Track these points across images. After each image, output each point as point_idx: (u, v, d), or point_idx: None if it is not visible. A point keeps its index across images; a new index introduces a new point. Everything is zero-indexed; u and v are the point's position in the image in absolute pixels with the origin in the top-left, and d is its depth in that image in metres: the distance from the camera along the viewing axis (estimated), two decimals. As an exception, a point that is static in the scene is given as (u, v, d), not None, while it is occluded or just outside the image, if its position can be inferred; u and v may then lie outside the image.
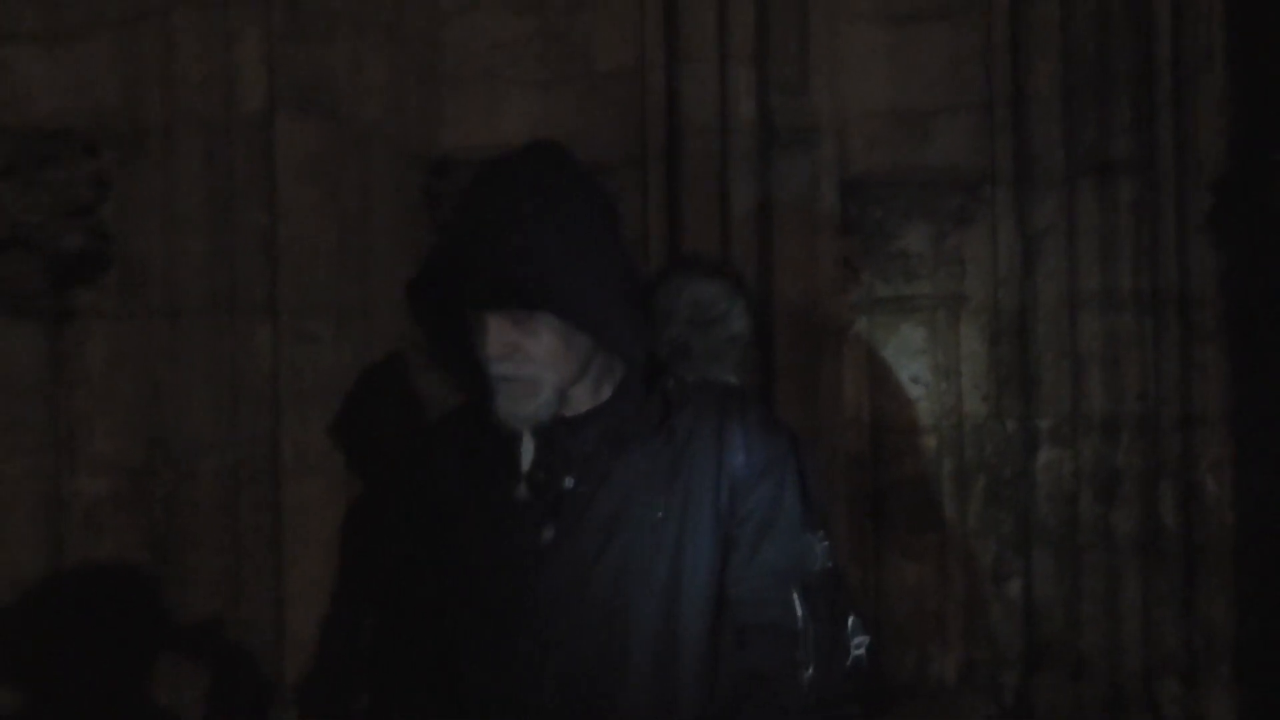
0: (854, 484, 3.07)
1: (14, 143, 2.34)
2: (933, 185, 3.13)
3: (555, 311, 1.45)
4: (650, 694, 1.49)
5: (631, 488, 1.50)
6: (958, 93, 3.19)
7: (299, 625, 2.31)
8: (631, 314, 1.53)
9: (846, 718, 1.51)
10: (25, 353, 2.37)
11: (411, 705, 1.60)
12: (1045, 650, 3.07)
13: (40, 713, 2.33)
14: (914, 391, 3.15)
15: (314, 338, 2.38)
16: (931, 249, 3.13)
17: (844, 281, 3.09)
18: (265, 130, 2.36)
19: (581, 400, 1.54)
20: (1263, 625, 2.94)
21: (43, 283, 2.37)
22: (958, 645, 3.13)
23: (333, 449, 2.36)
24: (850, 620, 1.53)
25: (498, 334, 1.46)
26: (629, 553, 1.49)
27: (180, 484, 2.35)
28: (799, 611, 1.48)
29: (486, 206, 1.48)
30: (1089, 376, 3.04)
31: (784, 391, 2.81)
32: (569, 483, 1.51)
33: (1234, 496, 2.98)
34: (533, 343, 1.46)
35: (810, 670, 1.46)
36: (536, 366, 1.46)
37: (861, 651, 1.53)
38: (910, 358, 3.15)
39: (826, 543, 1.54)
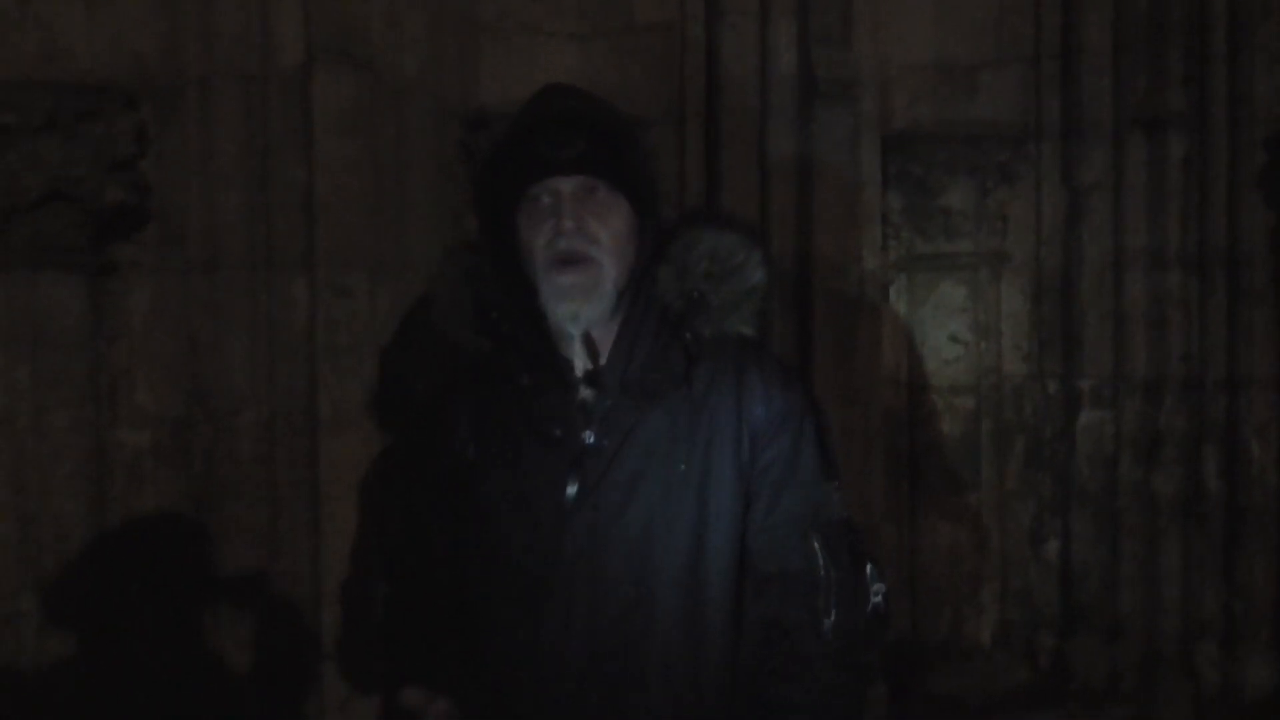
0: (891, 443, 3.06)
1: (55, 97, 2.34)
2: (976, 141, 3.08)
3: (632, 189, 1.51)
4: (677, 646, 1.50)
5: (653, 442, 1.50)
6: (1004, 45, 3.13)
7: (335, 578, 2.34)
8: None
9: (867, 665, 1.53)
10: (68, 306, 2.39)
11: (429, 668, 1.61)
12: (1082, 613, 3.06)
13: (87, 661, 2.38)
14: (953, 351, 3.12)
15: (350, 292, 2.38)
16: (974, 206, 3.08)
17: (883, 238, 3.06)
18: (302, 83, 2.35)
19: (602, 339, 1.54)
20: (1305, 590, 2.91)
21: (84, 236, 2.39)
22: (993, 607, 3.13)
23: (369, 403, 2.37)
24: (869, 568, 1.54)
25: (573, 202, 1.48)
26: (653, 507, 1.49)
27: (219, 437, 2.37)
28: (820, 560, 1.49)
29: (553, 98, 1.53)
30: (1132, 337, 3.00)
31: (821, 349, 2.79)
32: (589, 438, 1.51)
33: (1279, 460, 2.94)
34: (603, 222, 1.49)
35: (832, 618, 1.48)
36: (601, 250, 1.49)
37: (880, 599, 1.54)
38: (950, 316, 3.12)
39: (840, 492, 1.56)
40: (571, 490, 1.50)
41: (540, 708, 1.52)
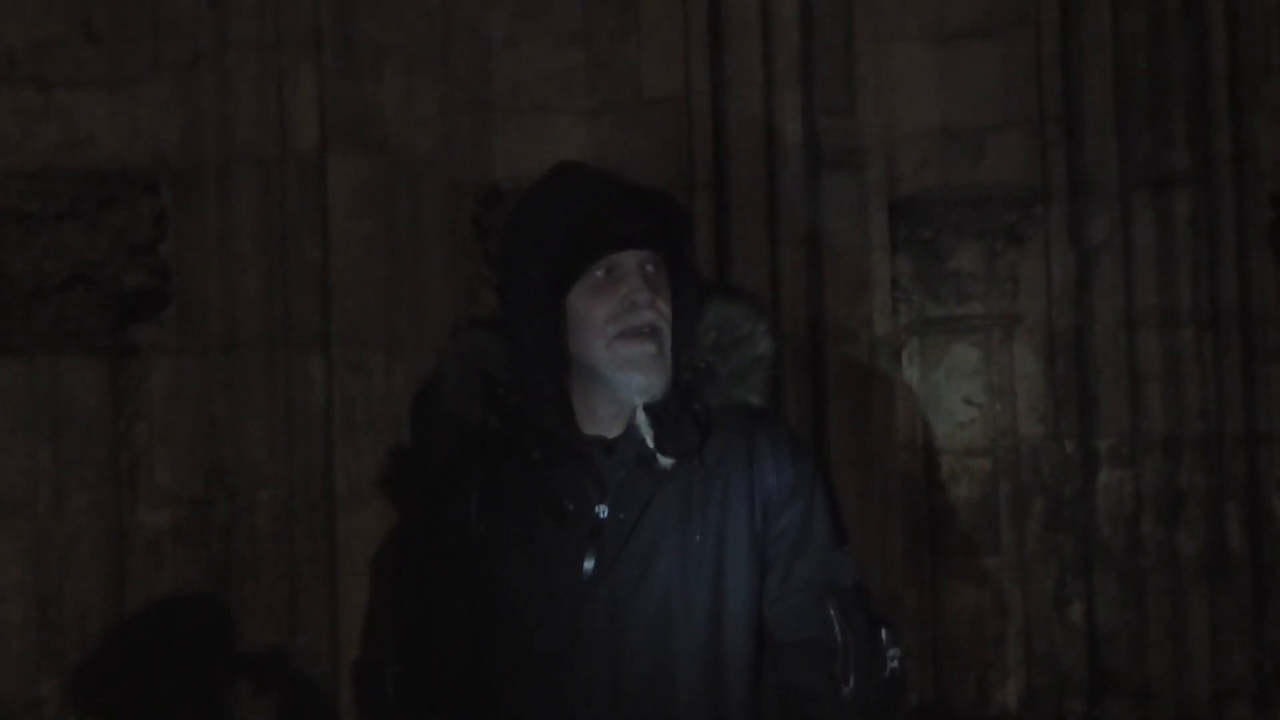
0: (909, 507, 3.04)
1: (77, 184, 2.41)
2: (984, 204, 3.10)
3: (674, 263, 1.53)
4: (699, 718, 1.49)
5: (669, 515, 1.50)
6: (1009, 109, 3.16)
7: (354, 656, 2.33)
8: None
9: None
10: (89, 388, 2.43)
11: None
12: (1110, 676, 3.01)
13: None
14: (968, 413, 3.11)
15: (366, 369, 2.41)
16: (984, 268, 3.10)
17: (894, 303, 3.07)
18: (318, 166, 2.40)
19: (623, 412, 1.55)
20: (1336, 648, 2.87)
21: (105, 320, 2.43)
22: (1019, 671, 3.08)
23: (385, 479, 2.39)
24: (883, 633, 1.54)
25: (640, 278, 1.49)
26: (671, 580, 1.49)
27: (238, 515, 2.39)
28: (837, 626, 1.49)
29: (591, 178, 1.55)
30: (1148, 395, 2.99)
31: (836, 414, 2.79)
32: (602, 512, 1.51)
33: (1303, 515, 2.92)
34: (663, 296, 1.50)
35: (850, 684, 1.47)
36: (667, 323, 1.50)
37: (896, 664, 1.53)
38: (964, 379, 3.12)
39: (851, 557, 1.56)
40: (589, 565, 1.50)
41: (562, 787, 1.51)
